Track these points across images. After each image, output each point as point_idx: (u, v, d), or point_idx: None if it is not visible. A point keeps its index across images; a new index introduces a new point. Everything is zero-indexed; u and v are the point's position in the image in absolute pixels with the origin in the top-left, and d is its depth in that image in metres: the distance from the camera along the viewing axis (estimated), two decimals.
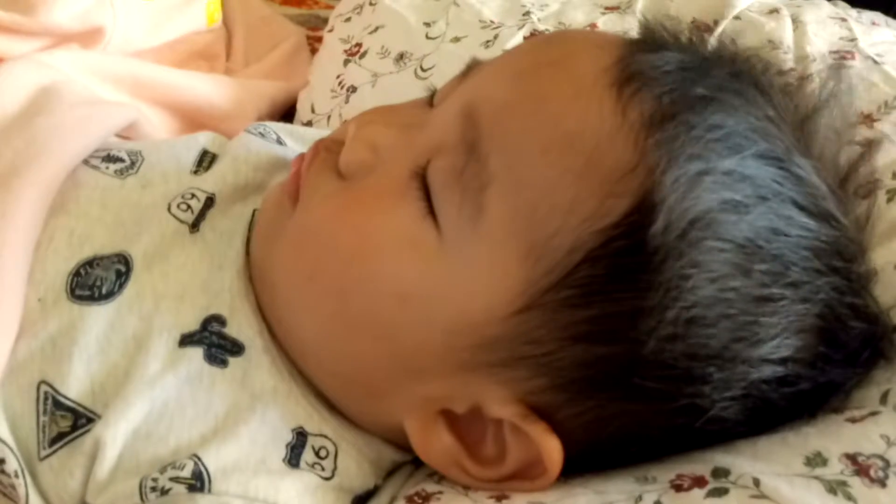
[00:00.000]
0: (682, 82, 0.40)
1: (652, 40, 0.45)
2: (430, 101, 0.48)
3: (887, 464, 0.39)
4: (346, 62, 0.68)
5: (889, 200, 0.52)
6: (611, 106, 0.40)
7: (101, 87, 0.61)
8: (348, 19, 0.71)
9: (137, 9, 0.65)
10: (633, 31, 0.62)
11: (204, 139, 0.54)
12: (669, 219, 0.38)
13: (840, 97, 0.48)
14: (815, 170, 0.42)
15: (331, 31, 0.72)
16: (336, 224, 0.43)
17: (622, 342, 0.39)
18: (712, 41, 0.55)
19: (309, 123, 0.69)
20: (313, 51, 0.80)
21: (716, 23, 0.62)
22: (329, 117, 0.67)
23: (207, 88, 0.66)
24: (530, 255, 0.40)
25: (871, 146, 0.54)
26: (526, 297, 0.40)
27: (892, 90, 0.56)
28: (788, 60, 0.57)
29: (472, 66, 0.47)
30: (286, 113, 0.74)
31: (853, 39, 0.60)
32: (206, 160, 0.52)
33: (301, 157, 0.47)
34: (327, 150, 0.46)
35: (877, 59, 0.59)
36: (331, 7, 0.88)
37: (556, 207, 0.39)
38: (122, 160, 0.51)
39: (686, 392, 0.40)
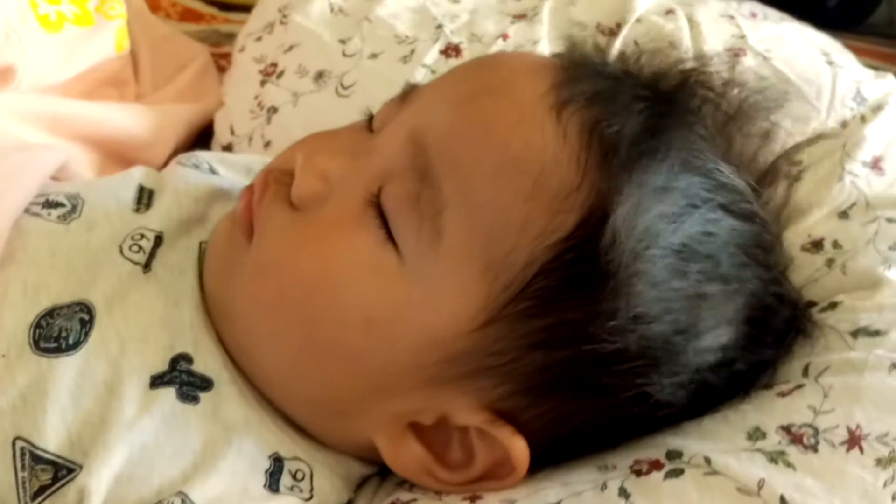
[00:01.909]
0: (614, 103, 0.44)
1: (580, 60, 0.48)
2: (369, 125, 0.50)
3: (816, 431, 0.43)
4: (262, 82, 0.68)
5: (790, 186, 0.57)
6: (552, 129, 0.43)
7: (18, 127, 0.59)
8: (259, 38, 0.72)
9: (46, 43, 0.64)
10: (542, 39, 0.66)
11: (138, 175, 0.55)
12: (614, 231, 0.41)
13: (743, 95, 0.53)
14: (735, 172, 0.46)
15: (242, 50, 0.72)
16: (296, 256, 0.45)
17: (577, 345, 0.43)
18: (620, 47, 0.59)
19: (229, 146, 0.69)
20: (219, 69, 0.80)
21: (619, 26, 0.65)
22: (250, 138, 0.68)
23: (126, 119, 0.66)
24: (488, 272, 0.42)
25: (768, 137, 0.59)
26: (487, 311, 0.43)
27: (784, 84, 0.62)
28: (690, 61, 0.62)
29: (409, 91, 0.49)
30: (201, 134, 0.74)
31: (742, 36, 0.65)
32: (144, 197, 0.53)
33: (249, 189, 0.48)
34: (277, 181, 0.48)
35: (766, 54, 0.64)
36: (230, 22, 0.88)
37: (509, 227, 0.42)
38: (62, 205, 0.50)
39: (638, 384, 0.43)
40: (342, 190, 0.46)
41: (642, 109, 0.44)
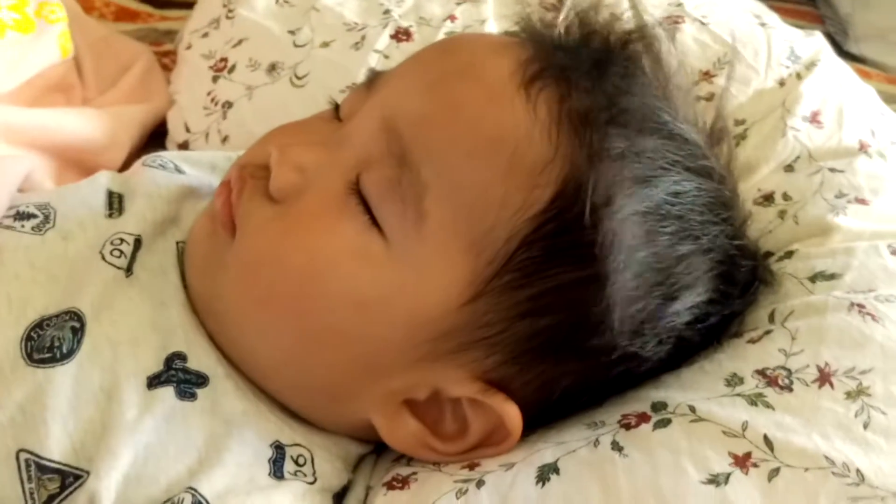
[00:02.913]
0: (577, 75, 0.46)
1: (537, 36, 0.49)
2: (336, 114, 0.51)
3: (789, 372, 0.46)
4: (214, 78, 0.69)
5: (737, 145, 0.60)
6: (522, 107, 0.44)
7: None
8: (206, 34, 0.72)
9: None
10: (489, 18, 0.67)
11: (105, 180, 0.55)
12: (589, 200, 0.43)
13: (686, 59, 0.55)
14: (692, 131, 0.49)
15: (189, 48, 0.72)
16: (282, 248, 0.46)
17: (561, 311, 0.45)
18: (564, 20, 0.61)
19: (185, 143, 0.69)
20: (163, 67, 0.80)
21: (560, 0, 0.67)
22: (207, 135, 0.68)
23: (80, 124, 0.65)
24: (472, 249, 0.44)
25: (714, 99, 0.62)
26: (474, 287, 0.44)
27: (722, 47, 0.65)
28: (634, 31, 0.64)
29: (374, 78, 0.50)
30: (153, 134, 0.74)
31: (679, 4, 0.68)
32: (115, 201, 0.53)
33: (226, 185, 0.49)
34: (253, 176, 0.48)
35: (703, 20, 0.67)
36: (167, 19, 0.87)
37: (489, 204, 0.44)
38: (34, 216, 0.50)
39: (621, 345, 0.45)
40: (319, 180, 0.47)
41: (601, 77, 0.46)
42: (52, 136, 0.64)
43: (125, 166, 0.68)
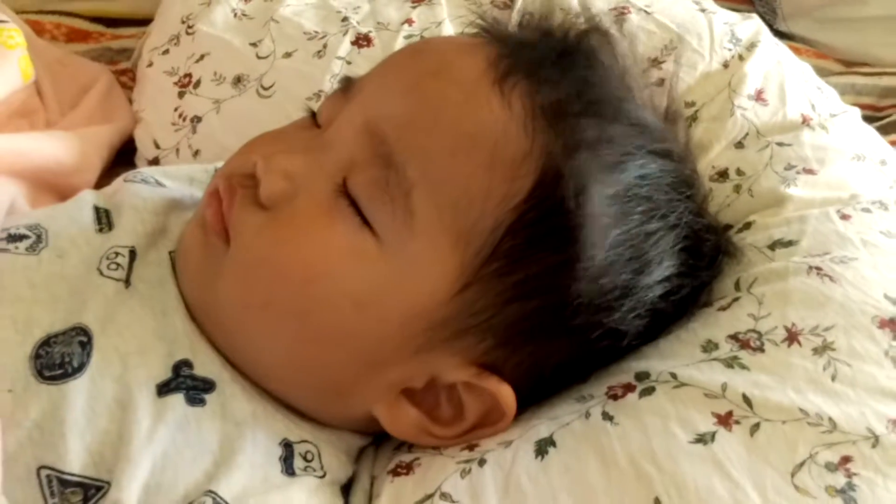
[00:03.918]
0: (543, 70, 0.49)
1: (501, 35, 0.52)
2: (314, 121, 0.53)
3: (760, 334, 0.50)
4: (180, 94, 0.70)
5: (689, 126, 0.64)
6: (497, 103, 0.47)
7: None
8: (167, 51, 0.73)
9: None
10: (445, 20, 0.70)
11: (90, 197, 0.56)
12: (566, 188, 0.46)
13: (635, 48, 0.58)
14: (651, 115, 0.52)
15: (150, 65, 0.73)
16: (278, 253, 0.48)
17: (546, 293, 0.48)
18: (517, 17, 0.64)
19: (155, 160, 0.70)
20: (121, 85, 0.81)
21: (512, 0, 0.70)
22: (177, 150, 0.69)
23: (52, 147, 0.66)
24: (460, 241, 0.47)
25: (664, 84, 0.65)
26: (464, 277, 0.47)
27: (668, 34, 0.68)
28: (580, 23, 0.67)
29: (350, 84, 0.52)
30: (121, 151, 0.75)
31: None
32: (102, 217, 0.54)
33: (214, 196, 0.50)
34: (241, 185, 0.50)
35: (647, 9, 0.70)
36: (120, 38, 0.88)
37: (473, 197, 0.46)
38: (26, 236, 0.51)
39: (603, 322, 0.48)
40: (307, 185, 0.49)
41: (566, 70, 0.49)
42: (26, 160, 0.64)
43: (96, 187, 0.69)
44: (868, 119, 0.70)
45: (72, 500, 0.44)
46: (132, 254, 0.51)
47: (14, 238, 0.51)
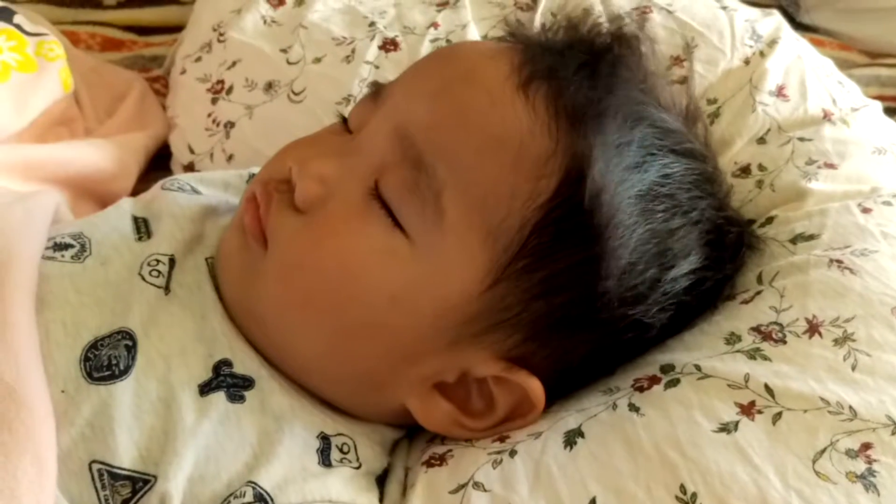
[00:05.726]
0: (567, 73, 0.50)
1: (526, 39, 0.54)
2: (345, 126, 0.55)
3: (782, 326, 0.51)
4: (214, 100, 0.72)
5: (712, 123, 0.65)
6: (522, 107, 0.49)
7: None
8: (199, 59, 0.75)
9: None
10: (470, 22, 0.71)
11: (128, 206, 0.58)
12: (590, 187, 0.48)
13: (658, 47, 0.60)
14: (672, 116, 0.53)
15: (183, 73, 0.76)
16: (315, 254, 0.50)
17: (572, 289, 0.49)
18: (540, 19, 0.65)
19: (190, 164, 0.72)
20: (154, 92, 0.83)
21: (535, 0, 0.72)
22: (212, 154, 0.71)
23: (92, 155, 0.68)
24: (489, 239, 0.48)
25: (686, 82, 0.67)
26: (493, 274, 0.49)
27: (689, 33, 0.69)
28: (608, 24, 0.68)
29: (379, 90, 0.54)
30: (156, 156, 0.77)
31: None
32: (141, 226, 0.56)
33: (251, 202, 0.52)
34: (277, 190, 0.52)
35: (669, 8, 0.71)
36: (152, 45, 0.90)
37: (501, 197, 0.48)
38: (71, 245, 0.54)
39: (628, 315, 0.50)
40: (341, 188, 0.51)
41: (589, 74, 0.51)
42: (68, 168, 0.67)
43: (133, 192, 0.71)
44: (892, 111, 0.71)
45: (122, 492, 0.47)
46: (171, 262, 0.53)
47: (60, 247, 0.53)
